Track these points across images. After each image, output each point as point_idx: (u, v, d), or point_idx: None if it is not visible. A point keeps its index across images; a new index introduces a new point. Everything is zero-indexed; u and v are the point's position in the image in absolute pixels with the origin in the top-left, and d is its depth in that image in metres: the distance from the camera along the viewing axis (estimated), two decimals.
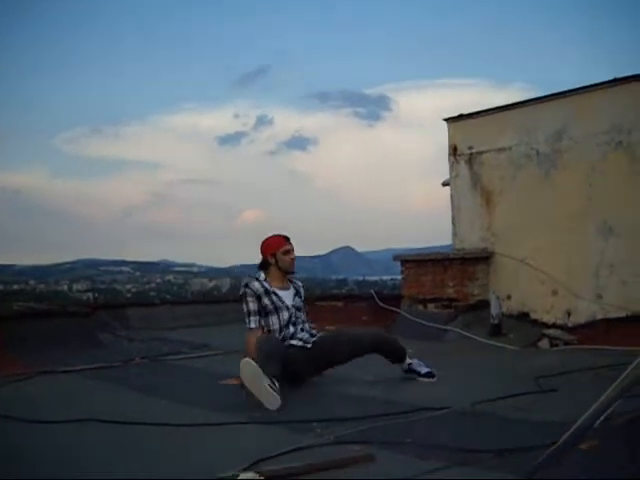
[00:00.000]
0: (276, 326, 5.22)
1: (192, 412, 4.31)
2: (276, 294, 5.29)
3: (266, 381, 4.37)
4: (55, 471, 3.09)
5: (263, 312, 5.23)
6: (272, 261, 5.39)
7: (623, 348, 6.03)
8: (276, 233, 5.54)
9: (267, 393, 4.34)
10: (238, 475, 2.75)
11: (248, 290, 5.25)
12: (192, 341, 8.00)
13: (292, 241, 5.48)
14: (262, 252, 5.45)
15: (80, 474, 3.02)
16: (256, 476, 2.72)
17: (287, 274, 5.47)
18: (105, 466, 3.17)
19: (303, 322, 5.41)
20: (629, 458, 2.88)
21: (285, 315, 5.26)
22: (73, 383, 5.56)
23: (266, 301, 5.23)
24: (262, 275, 5.38)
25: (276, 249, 5.39)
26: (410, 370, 5.40)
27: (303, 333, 5.31)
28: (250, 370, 4.45)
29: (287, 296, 5.37)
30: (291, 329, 5.26)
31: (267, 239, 5.48)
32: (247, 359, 4.56)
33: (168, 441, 3.65)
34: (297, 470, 2.89)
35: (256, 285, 5.27)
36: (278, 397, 4.32)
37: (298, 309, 5.39)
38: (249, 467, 2.88)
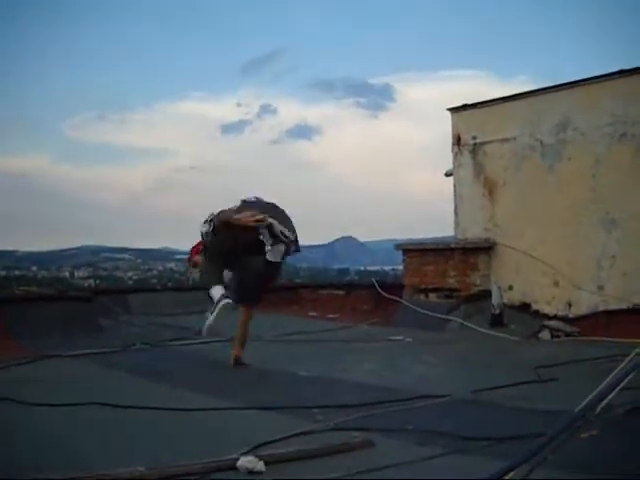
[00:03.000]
0: None
1: (192, 397, 4.32)
2: None
3: None
4: (54, 452, 3.11)
5: None
6: None
7: (624, 340, 6.03)
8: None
9: None
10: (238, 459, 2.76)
11: None
12: (193, 327, 7.99)
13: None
14: None
15: (79, 455, 3.04)
16: (256, 460, 2.73)
17: None
18: (104, 448, 3.18)
19: None
20: (628, 447, 2.89)
21: None
22: (74, 367, 5.57)
23: None
24: None
25: None
26: None
27: None
28: None
29: None
30: None
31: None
32: None
33: (168, 425, 3.66)
34: (297, 455, 2.90)
35: None
36: None
37: None
38: (249, 451, 2.90)
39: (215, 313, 5.22)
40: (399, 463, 2.83)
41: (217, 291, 5.31)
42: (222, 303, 5.20)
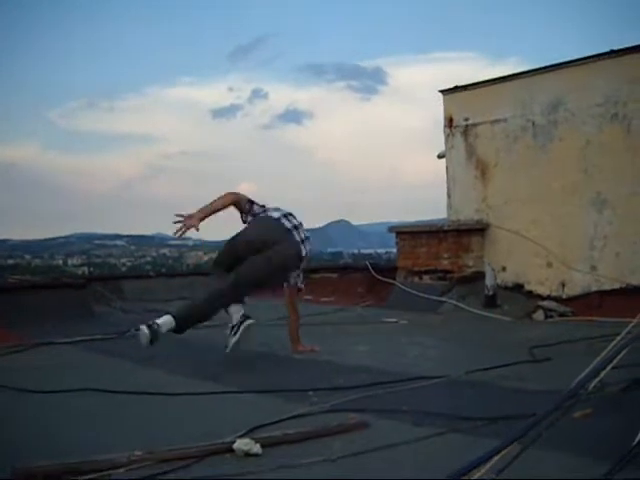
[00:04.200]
0: None
1: (187, 382, 4.34)
2: None
3: None
4: (49, 439, 3.12)
5: None
6: None
7: (616, 319, 6.05)
8: None
9: None
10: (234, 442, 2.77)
11: None
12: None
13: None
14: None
15: (75, 441, 3.04)
16: (253, 442, 2.74)
17: None
18: (98, 434, 3.19)
19: None
20: (621, 424, 2.91)
21: None
22: (68, 354, 5.57)
23: None
24: None
25: None
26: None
27: None
28: None
29: None
30: None
31: None
32: None
33: (164, 410, 3.67)
34: (293, 437, 2.92)
35: None
36: None
37: None
38: (245, 434, 2.91)
39: (239, 334, 4.97)
40: (395, 443, 2.85)
41: (236, 310, 5.06)
42: (246, 324, 5.02)
